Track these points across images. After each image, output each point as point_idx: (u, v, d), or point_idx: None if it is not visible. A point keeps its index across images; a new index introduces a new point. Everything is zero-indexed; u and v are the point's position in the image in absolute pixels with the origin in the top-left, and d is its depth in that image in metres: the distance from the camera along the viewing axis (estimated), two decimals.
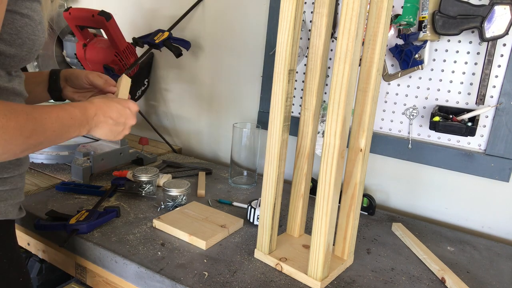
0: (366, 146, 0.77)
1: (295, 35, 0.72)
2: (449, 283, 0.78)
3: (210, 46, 1.46)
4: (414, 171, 1.14)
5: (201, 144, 1.57)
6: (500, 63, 0.98)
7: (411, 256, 0.89)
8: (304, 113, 0.81)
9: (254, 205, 0.97)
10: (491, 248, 0.97)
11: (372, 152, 1.17)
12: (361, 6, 0.61)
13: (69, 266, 0.90)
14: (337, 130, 0.66)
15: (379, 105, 1.15)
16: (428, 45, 1.04)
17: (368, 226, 1.02)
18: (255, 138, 1.20)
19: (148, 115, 1.67)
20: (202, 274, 0.75)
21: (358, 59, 0.66)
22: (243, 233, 0.92)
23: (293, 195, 0.87)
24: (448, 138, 1.08)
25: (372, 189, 1.21)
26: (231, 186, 1.21)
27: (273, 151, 0.77)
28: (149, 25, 1.57)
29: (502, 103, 0.99)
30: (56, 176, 1.14)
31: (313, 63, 0.77)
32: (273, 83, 0.74)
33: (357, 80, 0.70)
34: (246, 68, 1.39)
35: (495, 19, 0.92)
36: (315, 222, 0.72)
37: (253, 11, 1.33)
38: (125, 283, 0.81)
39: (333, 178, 0.68)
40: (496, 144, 1.01)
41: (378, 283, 0.78)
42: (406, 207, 1.18)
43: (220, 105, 1.48)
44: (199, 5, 1.44)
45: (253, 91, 1.38)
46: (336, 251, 0.83)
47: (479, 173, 1.04)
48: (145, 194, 1.07)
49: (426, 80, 1.08)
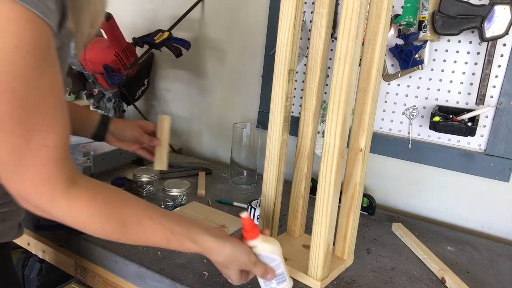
0: (366, 146, 0.77)
1: (295, 35, 0.72)
2: (449, 283, 0.78)
3: (210, 46, 1.46)
4: (414, 171, 1.14)
5: (201, 144, 1.57)
6: (500, 63, 0.98)
7: (411, 256, 0.89)
8: (304, 113, 0.81)
9: (254, 205, 0.97)
10: (491, 248, 0.97)
11: (372, 152, 1.16)
12: (361, 6, 0.61)
13: (69, 266, 0.90)
14: (337, 130, 0.66)
15: (379, 105, 1.15)
16: (428, 45, 1.04)
17: (368, 226, 1.02)
18: (255, 138, 1.20)
19: (148, 115, 1.67)
20: (202, 274, 0.75)
21: (358, 59, 0.66)
22: None
23: (293, 195, 0.87)
24: (448, 138, 1.08)
25: (372, 189, 1.21)
26: (231, 186, 1.21)
27: (273, 151, 0.77)
28: (149, 25, 1.57)
29: (502, 103, 0.99)
30: None
31: (313, 63, 0.77)
32: (273, 83, 0.74)
33: (357, 80, 0.70)
34: (246, 68, 1.39)
35: (495, 19, 0.92)
36: (315, 222, 0.72)
37: (253, 11, 1.33)
38: (125, 283, 0.81)
39: (333, 178, 0.68)
40: (496, 144, 1.01)
41: (378, 283, 0.78)
42: (406, 207, 1.18)
43: (220, 105, 1.48)
44: (199, 5, 1.44)
45: (253, 91, 1.38)
46: (336, 251, 0.83)
47: (479, 173, 1.04)
48: (145, 194, 1.07)
49: (426, 80, 1.08)
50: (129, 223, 0.56)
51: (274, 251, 0.68)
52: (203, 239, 0.63)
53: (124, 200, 0.57)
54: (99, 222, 0.53)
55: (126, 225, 0.56)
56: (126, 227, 0.56)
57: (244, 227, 0.66)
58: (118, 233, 0.56)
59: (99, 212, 0.53)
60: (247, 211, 0.68)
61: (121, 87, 1.34)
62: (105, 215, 0.54)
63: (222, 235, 0.65)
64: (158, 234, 0.59)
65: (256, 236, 0.67)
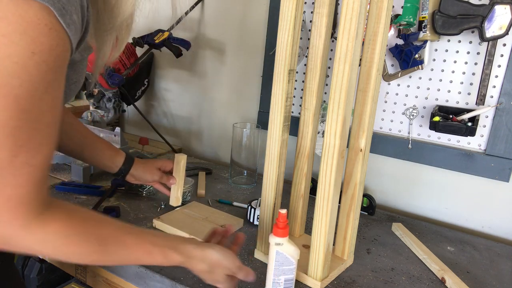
0: (366, 146, 0.77)
1: (295, 35, 0.71)
2: (449, 283, 0.78)
3: (210, 46, 1.46)
4: (414, 171, 1.14)
5: (201, 144, 1.57)
6: (500, 63, 0.98)
7: (411, 256, 0.89)
8: (304, 113, 0.81)
9: (254, 205, 0.97)
10: (491, 248, 0.97)
11: (372, 152, 1.16)
12: (361, 6, 0.61)
13: (69, 266, 0.90)
14: (337, 130, 0.66)
15: (379, 105, 1.15)
16: (428, 45, 1.04)
17: (368, 226, 1.02)
18: (255, 138, 1.20)
19: (148, 115, 1.67)
20: None
21: (358, 59, 0.66)
22: (243, 233, 0.92)
23: (293, 195, 0.87)
24: (448, 138, 1.08)
25: (372, 189, 1.21)
26: (231, 186, 1.21)
27: (273, 151, 0.77)
28: (149, 25, 1.57)
29: (502, 103, 0.99)
30: (56, 176, 1.14)
31: (313, 63, 0.77)
32: (273, 83, 0.74)
33: (357, 80, 0.70)
34: (246, 68, 1.39)
35: (495, 19, 0.92)
36: (315, 222, 0.72)
37: (253, 11, 1.33)
38: (125, 283, 0.81)
39: (333, 178, 0.68)
40: (496, 144, 1.01)
41: (378, 283, 0.78)
42: (406, 207, 1.18)
43: (220, 105, 1.48)
44: (199, 5, 1.44)
45: (253, 91, 1.38)
46: (336, 251, 0.83)
47: (479, 173, 1.04)
48: (146, 194, 1.07)
49: (426, 80, 1.08)
50: (108, 240, 0.53)
51: (294, 255, 0.69)
52: (186, 247, 0.61)
53: (100, 219, 0.55)
54: (77, 242, 0.50)
55: (105, 243, 0.53)
56: (106, 245, 0.53)
57: (277, 223, 0.68)
58: (98, 252, 0.53)
59: (77, 232, 0.50)
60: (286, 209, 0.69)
61: (121, 87, 1.34)
62: (82, 234, 0.51)
63: (202, 243, 0.65)
64: (139, 248, 0.56)
65: (285, 235, 0.68)
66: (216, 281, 0.65)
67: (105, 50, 0.58)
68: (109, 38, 0.57)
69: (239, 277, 0.67)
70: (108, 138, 1.23)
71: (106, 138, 1.23)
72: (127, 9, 0.54)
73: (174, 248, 0.60)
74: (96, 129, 1.25)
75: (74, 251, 0.51)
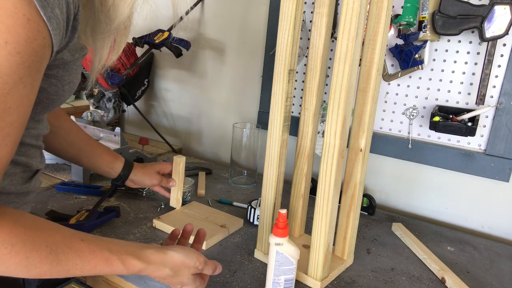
0: (366, 146, 0.77)
1: (295, 35, 0.72)
2: (449, 283, 0.78)
3: (210, 46, 1.46)
4: (414, 171, 1.14)
5: (201, 144, 1.57)
6: (500, 63, 0.98)
7: (411, 256, 0.89)
8: (304, 113, 0.81)
9: (254, 205, 0.97)
10: (491, 248, 0.97)
11: (372, 152, 1.16)
12: (361, 6, 0.61)
13: None
14: (337, 130, 0.66)
15: (379, 105, 1.15)
16: (428, 45, 1.04)
17: (368, 226, 1.02)
18: (255, 138, 1.20)
19: (148, 115, 1.67)
20: None
21: (358, 59, 0.66)
22: (243, 233, 0.92)
23: (293, 195, 0.87)
24: (448, 138, 1.08)
25: (372, 189, 1.21)
26: (231, 186, 1.21)
27: (273, 151, 0.77)
28: (149, 25, 1.57)
29: (502, 103, 0.99)
30: (56, 176, 1.14)
31: (313, 63, 0.77)
32: (273, 83, 0.74)
33: (357, 80, 0.70)
34: (246, 68, 1.39)
35: (495, 19, 0.92)
36: (315, 222, 0.72)
37: (253, 11, 1.33)
38: (125, 283, 0.80)
39: (333, 178, 0.68)
40: (496, 144, 1.01)
41: (378, 283, 0.78)
42: (406, 207, 1.18)
43: (220, 105, 1.48)
44: (199, 5, 1.44)
45: (253, 91, 1.38)
46: (336, 251, 0.83)
47: (479, 173, 1.04)
48: (146, 194, 1.07)
49: (426, 80, 1.08)
50: (59, 248, 0.48)
51: (294, 255, 0.69)
52: (145, 253, 0.57)
53: (49, 225, 0.50)
54: (24, 251, 0.45)
55: (55, 250, 0.48)
56: (57, 253, 0.48)
57: (277, 223, 0.68)
58: (48, 261, 0.47)
59: (24, 240, 0.45)
60: (286, 209, 0.69)
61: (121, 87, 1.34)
62: (30, 242, 0.45)
63: (162, 247, 0.61)
64: (95, 256, 0.51)
65: (285, 235, 0.68)
66: (183, 283, 0.62)
67: (103, 53, 0.56)
68: (107, 40, 0.56)
69: (206, 273, 0.64)
70: (108, 138, 1.23)
71: (106, 138, 1.23)
72: (125, 12, 0.52)
73: (133, 254, 0.55)
74: (96, 129, 1.25)
75: (20, 262, 0.45)
